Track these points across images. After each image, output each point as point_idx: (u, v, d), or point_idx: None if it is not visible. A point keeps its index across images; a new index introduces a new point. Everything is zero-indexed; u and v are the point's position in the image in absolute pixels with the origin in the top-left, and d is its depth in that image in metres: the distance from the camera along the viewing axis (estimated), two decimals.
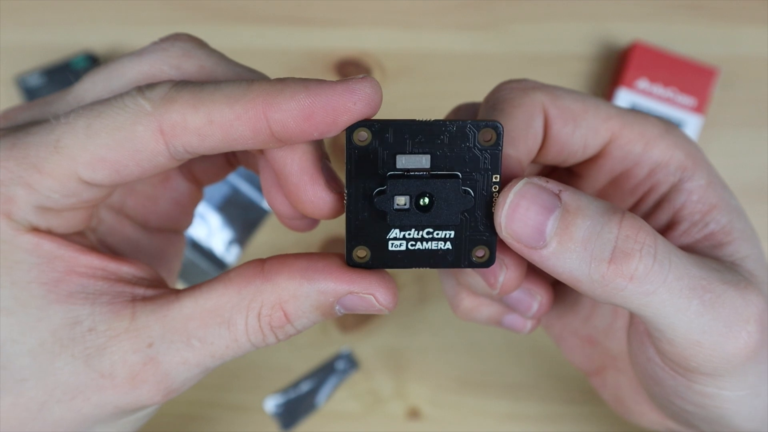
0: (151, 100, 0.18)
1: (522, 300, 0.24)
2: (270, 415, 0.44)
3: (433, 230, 0.20)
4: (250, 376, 0.44)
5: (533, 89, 0.22)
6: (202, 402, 0.44)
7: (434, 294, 0.45)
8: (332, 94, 0.18)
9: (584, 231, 0.18)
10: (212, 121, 0.18)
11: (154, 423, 0.44)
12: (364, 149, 0.19)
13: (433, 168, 0.19)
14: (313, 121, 0.18)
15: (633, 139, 0.23)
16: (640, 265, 0.18)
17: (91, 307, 0.19)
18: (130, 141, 0.18)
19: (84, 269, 0.19)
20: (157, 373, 0.19)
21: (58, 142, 0.18)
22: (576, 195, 0.19)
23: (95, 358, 0.19)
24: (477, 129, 0.19)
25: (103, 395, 0.19)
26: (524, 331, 0.26)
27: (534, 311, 0.24)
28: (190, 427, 0.44)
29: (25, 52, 0.48)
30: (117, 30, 0.49)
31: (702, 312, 0.19)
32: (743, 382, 0.21)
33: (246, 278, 0.19)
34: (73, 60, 0.46)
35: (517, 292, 0.24)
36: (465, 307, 0.25)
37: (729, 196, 0.23)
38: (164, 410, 0.44)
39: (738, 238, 0.22)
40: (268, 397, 0.44)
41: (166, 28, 0.50)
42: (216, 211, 0.45)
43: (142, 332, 0.19)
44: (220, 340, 0.19)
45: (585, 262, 0.18)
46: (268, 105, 0.18)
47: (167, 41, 0.21)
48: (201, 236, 0.45)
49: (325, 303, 0.19)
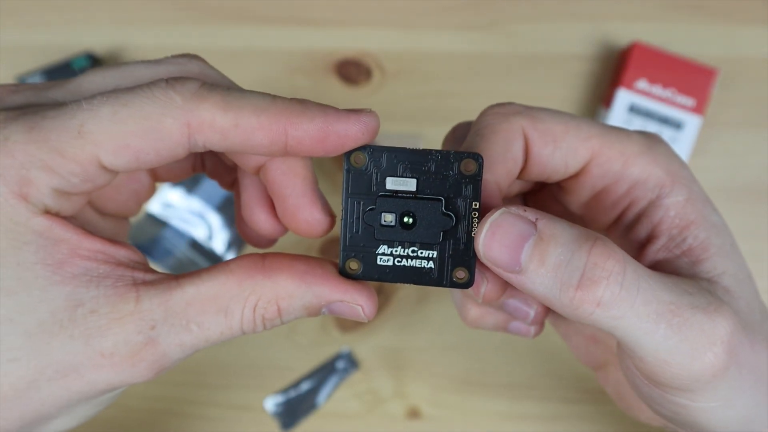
0: (182, 95, 0.19)
1: (519, 308, 0.26)
2: (270, 415, 0.44)
3: (418, 249, 0.21)
4: (251, 376, 0.44)
5: (514, 114, 0.24)
6: (203, 402, 0.44)
7: (434, 294, 0.45)
8: (346, 122, 0.20)
9: (555, 258, 0.20)
10: (238, 125, 0.19)
11: (154, 422, 0.44)
12: (360, 171, 0.21)
13: (419, 191, 0.21)
14: (325, 143, 0.20)
15: (612, 157, 0.24)
16: (606, 292, 0.20)
17: (96, 290, 0.19)
18: (156, 131, 0.19)
19: (87, 252, 0.20)
20: (155, 353, 0.20)
21: (81, 127, 0.19)
22: (551, 223, 0.20)
23: (96, 338, 0.19)
24: (459, 159, 0.21)
25: (99, 373, 0.19)
26: (529, 336, 0.27)
27: (532, 318, 0.26)
28: (190, 427, 0.44)
29: (25, 53, 0.48)
30: (117, 30, 0.49)
31: (670, 335, 0.20)
32: (714, 395, 0.22)
33: (247, 271, 0.20)
34: (73, 60, 0.46)
35: (514, 302, 0.26)
36: (472, 316, 0.27)
37: (709, 212, 0.24)
38: (164, 409, 0.44)
39: (715, 254, 0.23)
40: (268, 397, 0.44)
41: (166, 28, 0.50)
42: (216, 212, 0.45)
43: (146, 315, 0.19)
44: (216, 326, 0.20)
45: (556, 287, 0.20)
46: (290, 122, 0.20)
47: (184, 58, 0.23)
48: (201, 236, 0.45)
49: (316, 305, 0.21)
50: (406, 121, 0.48)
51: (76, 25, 0.49)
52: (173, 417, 0.44)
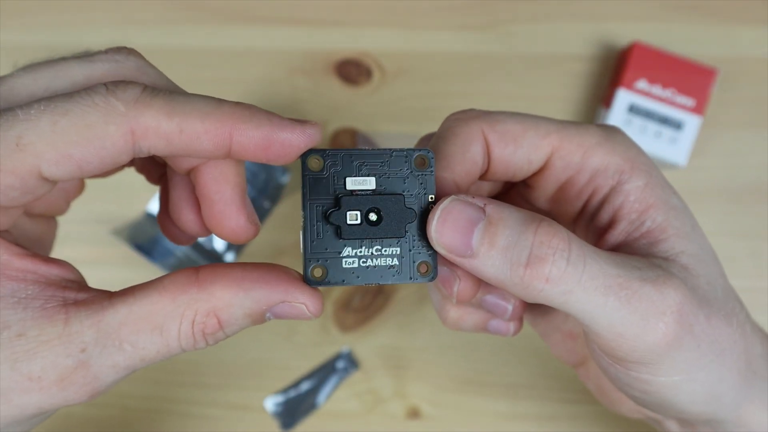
0: (124, 101, 0.19)
1: (497, 304, 0.26)
2: (270, 415, 0.44)
3: (381, 248, 0.22)
4: (251, 376, 0.44)
5: (473, 118, 0.24)
6: (203, 402, 0.44)
7: None
8: (291, 132, 0.20)
9: (505, 239, 0.21)
10: (182, 131, 0.19)
11: (154, 422, 0.44)
12: (317, 173, 0.22)
13: (378, 189, 0.22)
14: (268, 151, 0.20)
15: (572, 150, 0.25)
16: (554, 268, 0.20)
17: (23, 312, 0.19)
18: (99, 139, 0.19)
19: (15, 273, 0.19)
20: (87, 375, 0.19)
21: (20, 139, 0.18)
22: (499, 207, 0.21)
23: (23, 362, 0.19)
24: (411, 155, 0.22)
25: (28, 397, 0.19)
26: (509, 333, 0.27)
27: (510, 313, 0.26)
28: (190, 427, 0.44)
29: (25, 53, 0.48)
30: (117, 30, 0.49)
31: (619, 307, 0.21)
32: (674, 368, 0.22)
33: (180, 286, 0.20)
34: None
35: (491, 297, 0.26)
36: (452, 318, 0.27)
37: (669, 195, 0.25)
38: (164, 409, 0.44)
39: (673, 235, 0.24)
40: (268, 397, 0.44)
41: (166, 28, 0.50)
42: None
43: (75, 338, 0.19)
44: (151, 345, 0.20)
45: (506, 267, 0.21)
46: (235, 128, 0.20)
47: (120, 54, 0.22)
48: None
49: (257, 311, 0.21)
50: (406, 121, 0.48)
51: (76, 25, 0.49)
52: (173, 417, 0.44)
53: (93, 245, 0.45)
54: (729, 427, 0.25)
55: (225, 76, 0.48)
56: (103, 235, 0.45)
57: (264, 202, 0.45)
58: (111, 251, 0.46)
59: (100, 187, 0.39)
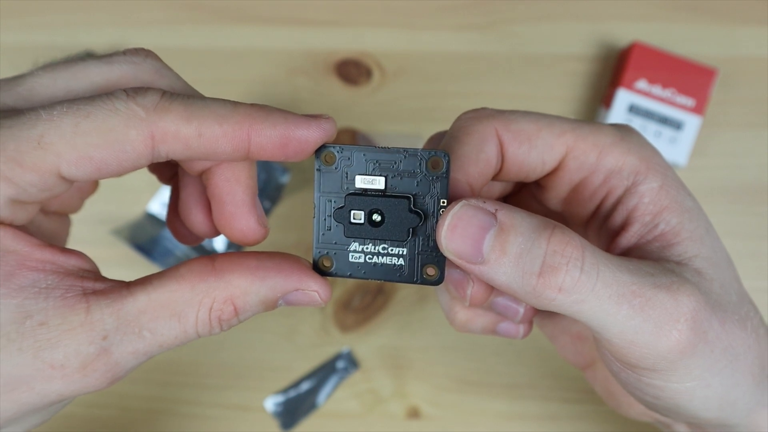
0: (144, 107, 0.19)
1: (509, 306, 0.26)
2: (270, 415, 0.44)
3: (388, 247, 0.22)
4: (251, 376, 0.44)
5: (487, 117, 0.24)
6: (203, 402, 0.44)
7: (434, 294, 0.45)
8: (306, 128, 0.20)
9: (516, 247, 0.20)
10: (201, 135, 0.20)
11: (154, 423, 0.44)
12: (331, 169, 0.22)
13: (388, 189, 0.22)
14: (287, 149, 0.20)
15: (587, 150, 0.24)
16: (567, 278, 0.20)
17: (45, 302, 0.19)
18: (120, 143, 0.19)
19: (35, 263, 0.20)
20: (108, 362, 0.20)
21: (42, 138, 0.19)
22: (511, 213, 0.21)
23: (46, 350, 0.19)
24: (427, 157, 0.21)
25: (50, 385, 0.19)
26: (518, 336, 0.27)
27: (521, 316, 0.26)
28: (190, 427, 0.44)
29: (25, 52, 0.49)
30: (117, 30, 0.49)
31: (632, 315, 0.21)
32: (688, 374, 0.22)
33: (198, 275, 0.21)
34: None
35: (503, 300, 0.26)
36: (461, 320, 0.27)
37: (683, 197, 0.24)
38: (164, 410, 0.44)
39: (687, 238, 0.23)
40: (268, 397, 0.44)
41: (166, 28, 0.50)
42: None
43: (97, 325, 0.19)
44: (170, 331, 0.20)
45: (518, 275, 0.20)
46: (253, 129, 0.20)
47: (137, 55, 0.22)
48: None
49: (272, 298, 0.21)
50: (406, 121, 0.48)
51: (76, 25, 0.49)
52: (173, 417, 0.44)
53: (93, 245, 0.45)
54: (741, 430, 0.25)
55: (225, 76, 0.48)
56: (103, 235, 0.45)
57: (264, 202, 0.45)
58: (111, 251, 0.46)
59: (100, 187, 0.39)
